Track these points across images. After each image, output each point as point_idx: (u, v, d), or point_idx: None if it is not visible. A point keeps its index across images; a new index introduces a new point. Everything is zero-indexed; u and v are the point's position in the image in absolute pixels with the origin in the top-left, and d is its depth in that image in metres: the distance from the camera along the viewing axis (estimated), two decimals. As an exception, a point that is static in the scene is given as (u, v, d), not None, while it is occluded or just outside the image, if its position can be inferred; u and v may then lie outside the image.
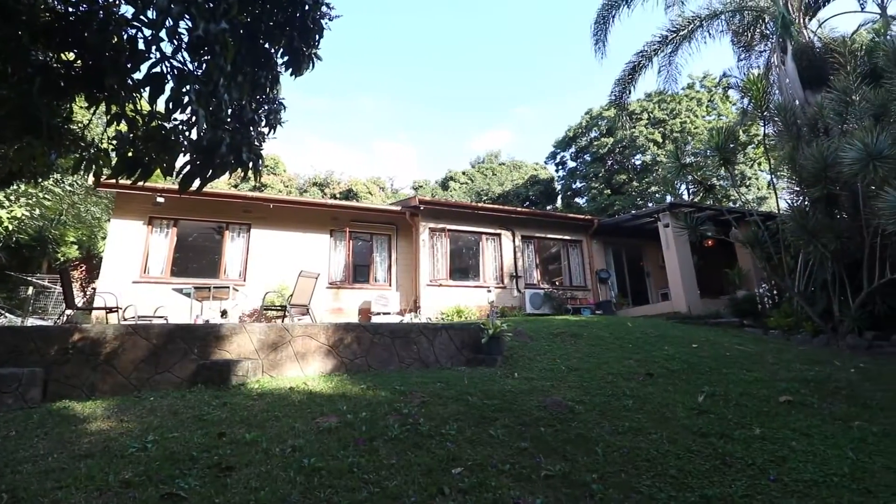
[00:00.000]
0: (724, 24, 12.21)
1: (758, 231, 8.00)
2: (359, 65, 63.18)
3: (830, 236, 6.71)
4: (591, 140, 29.42)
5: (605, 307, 11.76)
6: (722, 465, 2.86)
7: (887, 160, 5.81)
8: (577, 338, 6.23)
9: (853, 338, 6.52)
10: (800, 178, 7.38)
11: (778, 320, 7.54)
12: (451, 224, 12.13)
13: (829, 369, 5.04)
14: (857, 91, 7.36)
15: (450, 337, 5.36)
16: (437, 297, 11.23)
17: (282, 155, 30.53)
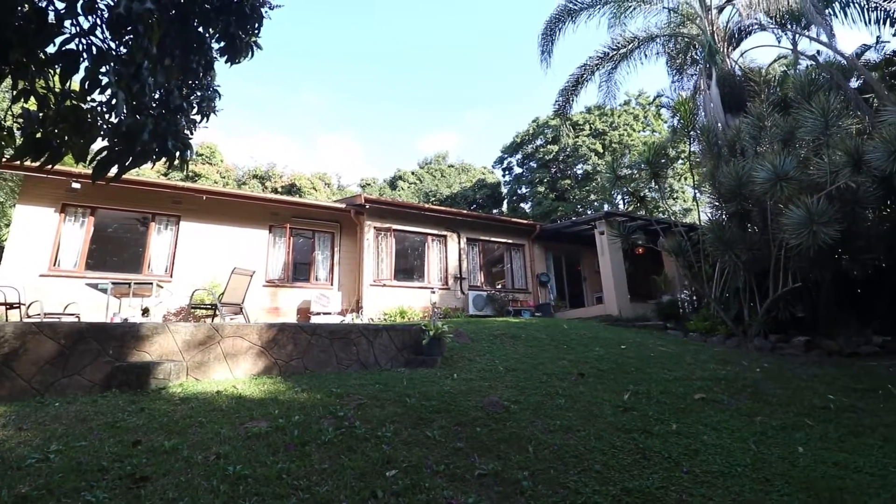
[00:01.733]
0: (660, 47, 13.08)
1: (682, 241, 8.65)
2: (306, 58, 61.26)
3: (743, 248, 7.38)
4: (537, 147, 30.40)
5: (544, 309, 12.19)
6: (642, 459, 3.05)
7: (792, 181, 6.49)
8: (515, 339, 6.40)
9: (760, 340, 7.20)
10: (719, 193, 8.06)
11: (697, 324, 8.17)
12: (397, 224, 12.06)
13: (738, 369, 5.53)
14: (769, 117, 8.16)
15: (391, 338, 5.32)
16: (381, 298, 11.11)
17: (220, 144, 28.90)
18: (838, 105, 6.75)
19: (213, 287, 8.88)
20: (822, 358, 6.44)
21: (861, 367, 5.83)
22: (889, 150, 5.36)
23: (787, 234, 6.24)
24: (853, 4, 10.59)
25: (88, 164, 2.22)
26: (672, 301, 9.89)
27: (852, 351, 6.60)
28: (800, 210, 5.98)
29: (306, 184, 27.82)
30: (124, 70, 1.92)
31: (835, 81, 9.02)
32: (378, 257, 11.57)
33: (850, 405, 4.42)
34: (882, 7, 10.32)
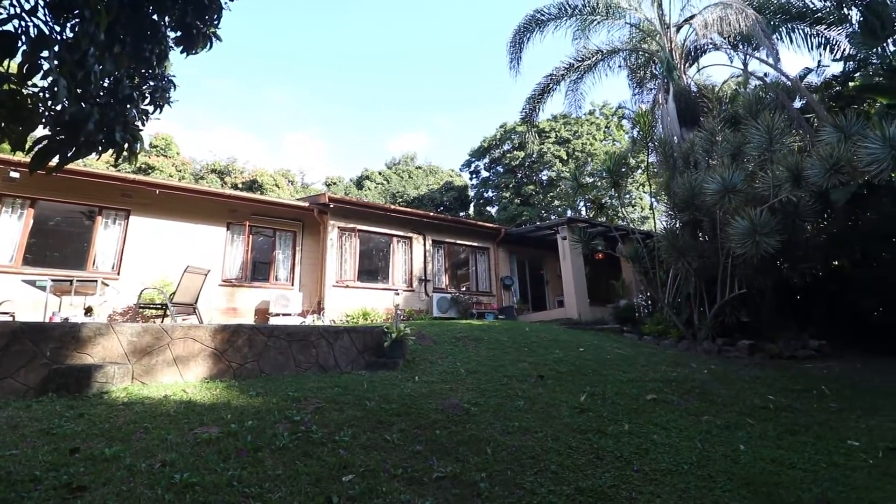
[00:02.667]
0: (623, 61, 13.58)
1: (638, 248, 8.99)
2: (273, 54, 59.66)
3: (694, 255, 7.76)
4: (504, 152, 30.84)
5: (507, 312, 12.35)
6: (596, 459, 3.14)
7: (739, 193, 6.88)
8: (478, 341, 6.46)
9: (708, 343, 7.58)
10: (673, 203, 8.44)
11: (651, 327, 8.51)
12: (361, 224, 11.92)
13: (687, 371, 5.80)
14: (720, 133, 8.61)
15: (352, 340, 5.24)
16: (343, 299, 10.94)
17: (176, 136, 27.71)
18: (782, 124, 7.21)
19: (164, 286, 8.47)
20: (765, 360, 6.85)
21: (798, 370, 6.24)
22: (825, 167, 5.78)
23: (733, 244, 6.60)
24: (797, 30, 11.37)
25: (27, 154, 2.07)
26: (629, 305, 10.25)
27: (791, 354, 7.06)
28: (745, 221, 6.34)
29: (268, 180, 27.05)
30: (68, 56, 1.81)
31: (780, 101, 9.65)
32: (341, 258, 11.40)
33: (787, 405, 4.72)
34: (822, 34, 11.13)
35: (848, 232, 8.42)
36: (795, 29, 11.35)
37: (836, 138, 5.94)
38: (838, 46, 11.07)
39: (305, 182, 36.17)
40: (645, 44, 12.64)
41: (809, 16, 11.03)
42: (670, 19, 11.38)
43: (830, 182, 5.91)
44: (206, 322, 7.22)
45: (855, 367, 6.52)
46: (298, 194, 29.54)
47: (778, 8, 11.12)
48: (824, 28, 11.06)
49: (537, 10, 12.25)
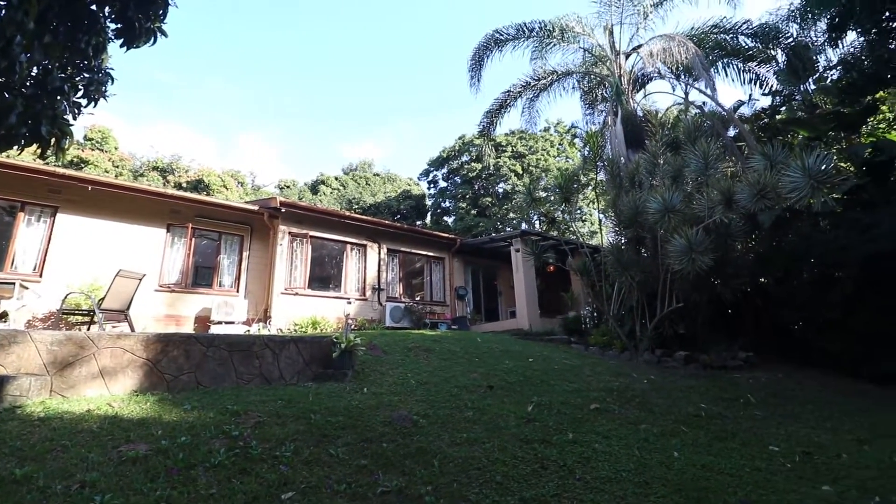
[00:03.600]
0: (576, 83, 14.18)
1: (587, 261, 9.34)
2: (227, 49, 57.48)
3: (637, 270, 8.16)
4: (462, 163, 31.22)
5: (460, 322, 12.42)
6: (540, 469, 3.20)
7: (678, 213, 7.33)
8: (430, 352, 6.44)
9: (648, 354, 7.96)
10: (619, 220, 8.85)
11: (596, 338, 8.83)
12: (315, 230, 11.63)
13: (628, 380, 6.05)
14: (662, 156, 9.15)
15: (298, 350, 5.07)
16: (292, 307, 10.59)
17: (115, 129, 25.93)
18: (717, 150, 7.78)
19: (92, 290, 7.85)
20: (699, 370, 7.28)
21: (728, 379, 6.67)
22: (754, 192, 6.28)
23: (672, 260, 7.00)
24: (732, 65, 12.37)
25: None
26: (576, 317, 10.60)
27: (722, 364, 7.54)
28: (682, 239, 6.76)
29: (216, 181, 25.84)
30: (-13, 40, 1.66)
31: (715, 129, 10.41)
32: (292, 264, 11.05)
33: (717, 413, 5.03)
34: (754, 70, 12.18)
35: (773, 251, 9.17)
36: (730, 64, 12.35)
37: (764, 166, 6.48)
38: (767, 82, 12.15)
39: (257, 184, 34.89)
40: (596, 68, 13.27)
41: (742, 53, 12.03)
42: (620, 47, 12.04)
43: (758, 206, 6.42)
44: (138, 330, 6.76)
45: (777, 377, 7.06)
46: (248, 197, 28.44)
47: (715, 44, 12.05)
48: (755, 65, 12.10)
49: (496, 31, 12.59)
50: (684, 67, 11.66)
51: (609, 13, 11.95)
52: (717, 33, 11.90)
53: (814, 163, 5.56)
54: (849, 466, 3.71)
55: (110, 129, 25.29)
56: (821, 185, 5.55)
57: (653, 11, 12.11)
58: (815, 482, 3.40)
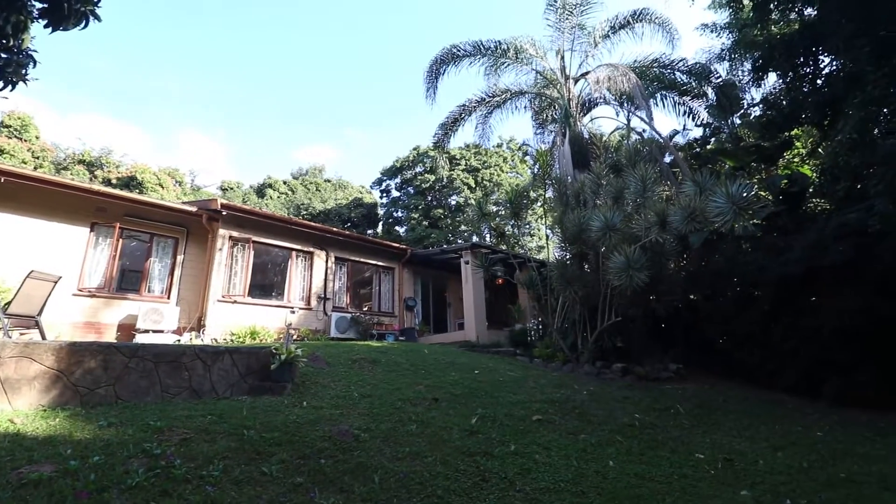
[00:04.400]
0: (528, 102, 14.68)
1: (533, 275, 9.59)
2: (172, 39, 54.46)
3: (580, 285, 8.47)
4: (416, 174, 31.27)
5: (408, 334, 12.30)
6: (482, 482, 3.20)
7: (618, 232, 7.71)
8: (375, 364, 6.31)
9: (589, 366, 8.25)
10: (565, 236, 9.18)
11: (541, 351, 9.05)
12: (258, 235, 11.14)
13: (569, 392, 6.23)
14: (605, 177, 9.62)
15: (233, 362, 4.79)
16: (230, 316, 10.03)
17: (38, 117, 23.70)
18: (654, 174, 8.29)
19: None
20: (634, 382, 7.63)
21: (660, 391, 7.03)
22: (685, 215, 6.74)
23: (612, 276, 7.34)
24: (669, 97, 13.33)
25: None
26: (523, 329, 10.82)
27: (655, 376, 7.95)
28: (622, 257, 7.11)
29: (151, 179, 24.16)
30: None
31: (653, 155, 11.11)
32: (231, 270, 10.49)
33: (650, 423, 5.28)
34: (687, 103, 13.20)
35: (701, 270, 9.86)
36: (667, 96, 13.32)
37: (694, 191, 6.97)
38: (699, 115, 13.20)
39: (197, 185, 33.03)
40: (548, 90, 13.83)
41: (678, 87, 13.02)
42: (570, 72, 12.63)
43: (689, 228, 6.89)
44: (51, 338, 6.13)
45: (704, 387, 7.54)
46: (187, 197, 26.86)
47: (654, 77, 12.95)
48: (689, 99, 13.12)
49: (454, 46, 12.82)
50: (627, 96, 12.41)
51: (561, 38, 12.54)
52: (657, 67, 12.81)
53: (736, 191, 6.06)
54: (765, 472, 4.00)
55: (31, 117, 23.08)
56: (742, 211, 6.05)
57: (601, 42, 12.84)
58: (735, 487, 3.63)
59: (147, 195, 18.61)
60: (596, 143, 12.72)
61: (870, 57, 7.13)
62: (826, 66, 9.53)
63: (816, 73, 9.67)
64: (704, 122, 13.19)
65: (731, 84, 12.01)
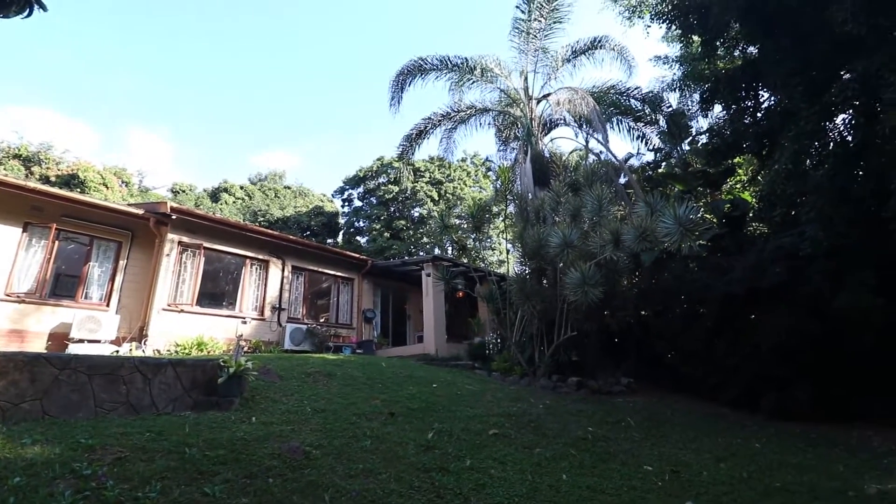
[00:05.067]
0: (492, 120, 14.97)
1: (493, 289, 9.69)
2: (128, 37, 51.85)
3: (538, 299, 8.64)
4: (379, 184, 31.07)
5: (366, 347, 12.07)
6: (436, 498, 3.15)
7: (575, 249, 7.94)
8: (330, 377, 6.13)
9: (545, 380, 8.37)
10: (525, 251, 9.36)
11: (499, 364, 9.11)
12: (210, 241, 10.65)
13: (526, 406, 6.28)
14: (564, 195, 9.92)
15: (177, 375, 4.51)
16: (176, 326, 9.49)
17: (-34, 107, 21.78)
18: (610, 194, 8.64)
19: None
20: (588, 395, 7.81)
21: (612, 404, 7.23)
22: (637, 234, 7.05)
23: (568, 292, 7.54)
24: (624, 122, 13.99)
25: None
26: (482, 343, 10.87)
27: (608, 390, 8.18)
28: (577, 273, 7.32)
29: (94, 178, 22.67)
30: None
31: (609, 176, 11.58)
32: (179, 277, 9.96)
33: (602, 435, 5.40)
34: (641, 129, 13.90)
35: (652, 288, 10.31)
36: (622, 121, 13.97)
37: (646, 212, 7.31)
38: (651, 140, 13.92)
39: (146, 186, 31.28)
40: (511, 109, 14.17)
41: (633, 113, 13.70)
42: (533, 92, 13.03)
43: (640, 247, 7.20)
44: (-32, 347, 5.58)
45: (653, 401, 7.82)
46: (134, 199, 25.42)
47: (611, 102, 13.58)
48: (642, 125, 13.83)
49: (421, 58, 12.94)
50: (585, 119, 12.90)
51: (525, 60, 12.93)
52: (614, 94, 13.45)
53: (683, 213, 6.41)
54: (708, 483, 4.17)
55: (-42, 106, 21.21)
56: (689, 232, 6.40)
57: (563, 65, 13.34)
58: (681, 498, 3.76)
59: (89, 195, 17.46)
60: (556, 162, 13.11)
61: (803, 95, 7.79)
62: (765, 101, 10.32)
63: (756, 107, 10.45)
64: (656, 147, 13.92)
65: (681, 113, 12.78)
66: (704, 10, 9.24)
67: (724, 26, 9.46)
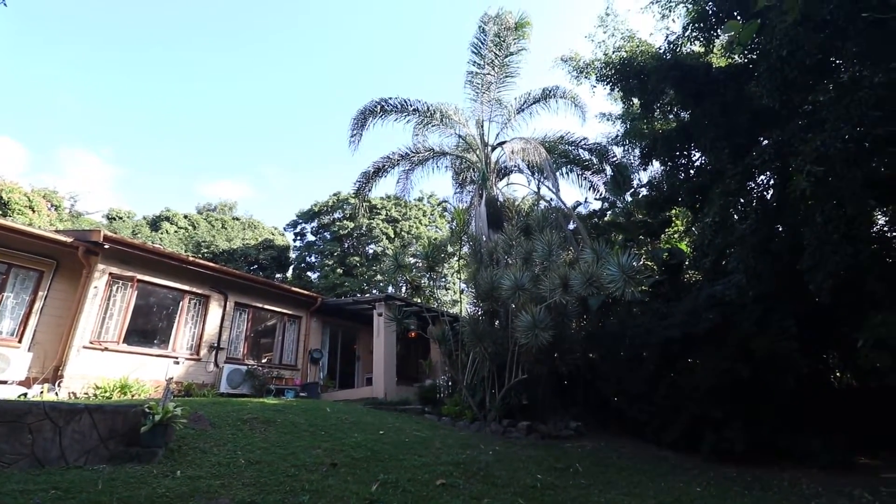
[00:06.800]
0: (450, 163, 15.40)
1: (446, 330, 9.62)
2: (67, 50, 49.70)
3: (490, 341, 8.65)
4: (334, 219, 30.69)
5: (310, 389, 11.47)
6: (378, 561, 2.93)
7: (526, 291, 8.10)
8: (269, 424, 5.73)
9: (496, 425, 8.25)
10: (478, 293, 9.43)
11: (449, 408, 8.91)
12: (145, 274, 9.96)
13: (475, 452, 6.13)
14: (517, 239, 10.22)
15: (94, 423, 4.06)
16: (98, 365, 8.65)
17: None
18: (559, 240, 8.98)
19: None
20: (538, 440, 7.75)
21: (561, 450, 7.20)
22: (584, 280, 7.32)
23: (519, 334, 7.61)
24: (573, 171, 14.80)
25: None
26: (432, 385, 10.64)
27: (557, 434, 8.17)
28: (528, 316, 7.44)
29: (20, 200, 20.85)
30: None
31: (559, 222, 12.09)
32: (107, 312, 9.17)
33: (551, 483, 5.32)
34: (589, 178, 14.73)
35: (599, 331, 10.62)
36: (572, 170, 14.79)
37: (592, 259, 7.64)
38: (598, 189, 14.76)
39: (78, 210, 29.18)
40: (468, 154, 14.67)
41: (581, 163, 14.56)
42: (489, 139, 13.59)
43: (587, 291, 7.46)
44: None
45: (600, 445, 7.88)
46: (64, 224, 23.59)
47: (561, 153, 14.41)
48: (590, 174, 14.69)
49: (383, 99, 13.22)
50: (538, 167, 13.57)
51: (480, 109, 13.54)
52: (564, 144, 14.27)
53: (626, 261, 6.76)
54: (652, 531, 4.17)
55: None
56: (631, 279, 6.72)
57: (517, 115, 14.09)
58: (626, 549, 3.73)
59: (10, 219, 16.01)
60: (509, 206, 13.55)
61: (729, 157, 8.62)
62: (697, 160, 11.32)
63: (689, 165, 11.42)
64: (603, 196, 14.78)
65: (624, 166, 13.73)
66: (644, 76, 10.18)
67: (660, 92, 10.43)
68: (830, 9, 6.17)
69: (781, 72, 6.94)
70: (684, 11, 9.68)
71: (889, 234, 8.74)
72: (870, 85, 5.95)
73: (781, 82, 7.09)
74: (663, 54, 10.08)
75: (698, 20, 9.24)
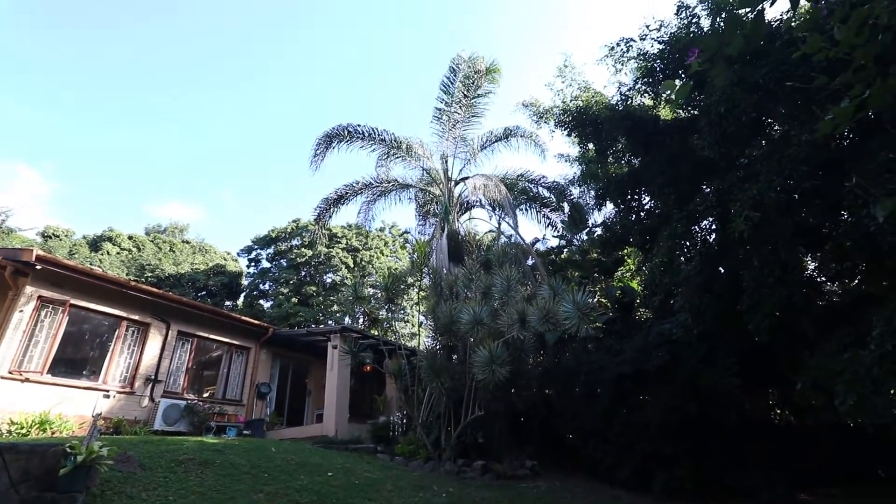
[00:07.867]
0: (413, 195, 15.53)
1: (402, 364, 9.40)
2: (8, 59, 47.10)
3: (447, 377, 8.51)
4: (291, 247, 29.90)
5: (255, 427, 10.78)
6: None
7: (485, 326, 8.11)
8: (206, 466, 5.29)
9: (450, 464, 8.01)
10: (437, 326, 9.34)
11: (403, 447, 8.60)
12: (79, 298, 9.22)
13: (429, 495, 5.89)
14: (476, 273, 10.30)
15: (4, 464, 3.60)
16: (17, 397, 7.81)
17: None
18: (518, 275, 9.13)
19: None
20: (493, 481, 7.56)
21: (517, 490, 7.06)
22: (541, 315, 7.43)
23: (477, 370, 7.55)
24: (533, 208, 15.26)
25: None
26: (386, 423, 10.26)
27: (513, 473, 8.02)
28: (486, 351, 7.42)
29: (-58, 215, 19.13)
30: None
31: (518, 257, 12.34)
32: (32, 339, 8.36)
33: (505, 527, 5.18)
34: (548, 216, 15.22)
35: (555, 367, 10.71)
36: (532, 207, 15.25)
37: (549, 295, 7.79)
38: (557, 227, 15.26)
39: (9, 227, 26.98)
40: (431, 187, 14.86)
41: (540, 200, 15.06)
42: (452, 174, 13.86)
43: (544, 327, 7.55)
44: None
45: (555, 485, 7.79)
46: (-10, 242, 21.71)
47: (521, 190, 14.89)
48: (549, 211, 15.19)
49: (350, 125, 13.26)
50: (498, 203, 13.92)
51: (445, 145, 13.88)
52: (524, 181, 14.77)
53: (581, 299, 6.94)
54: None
55: None
56: (585, 316, 6.88)
57: (480, 152, 14.52)
58: None
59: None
60: (470, 241, 13.73)
61: (675, 202, 9.17)
62: (647, 203, 11.98)
63: (640, 207, 12.06)
64: (561, 233, 15.27)
65: (581, 206, 14.32)
66: (599, 124, 10.81)
67: (613, 140, 11.09)
68: (762, 73, 6.85)
69: (720, 126, 7.56)
70: (635, 66, 10.46)
71: (818, 279, 9.49)
72: (798, 143, 6.57)
73: (721, 136, 7.71)
74: (616, 105, 10.79)
75: (646, 76, 10.00)
